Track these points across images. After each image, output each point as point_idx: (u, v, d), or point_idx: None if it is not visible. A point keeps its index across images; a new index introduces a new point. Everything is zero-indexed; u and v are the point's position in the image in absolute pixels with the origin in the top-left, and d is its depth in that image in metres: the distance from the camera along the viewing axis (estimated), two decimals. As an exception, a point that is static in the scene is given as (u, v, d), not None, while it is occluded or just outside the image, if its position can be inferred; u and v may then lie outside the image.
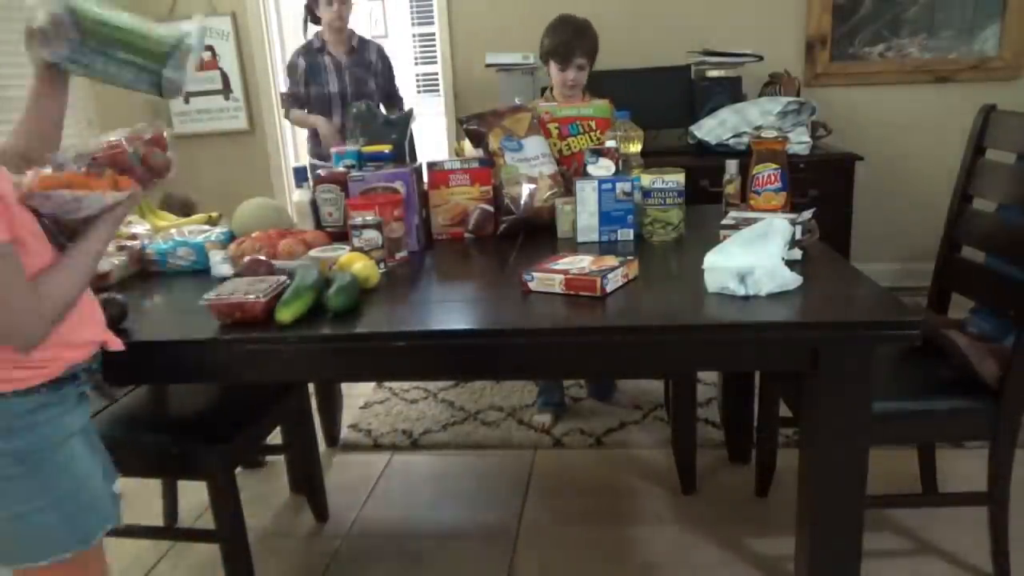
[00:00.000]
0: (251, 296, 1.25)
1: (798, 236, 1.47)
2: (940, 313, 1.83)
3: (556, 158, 1.97)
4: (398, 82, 3.39)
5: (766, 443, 2.01)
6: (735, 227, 1.49)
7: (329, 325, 1.29)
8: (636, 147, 1.95)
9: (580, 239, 1.72)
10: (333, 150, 1.88)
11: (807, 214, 1.54)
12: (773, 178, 1.67)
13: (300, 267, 1.39)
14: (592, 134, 1.97)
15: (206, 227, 1.78)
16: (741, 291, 1.26)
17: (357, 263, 1.42)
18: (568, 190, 1.86)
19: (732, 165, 1.90)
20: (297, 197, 1.79)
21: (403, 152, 2.01)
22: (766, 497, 2.04)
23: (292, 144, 4.16)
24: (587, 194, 1.71)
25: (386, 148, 1.92)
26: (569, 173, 1.93)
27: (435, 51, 4.07)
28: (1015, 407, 1.52)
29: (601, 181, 1.71)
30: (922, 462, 1.90)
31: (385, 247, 1.56)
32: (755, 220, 1.46)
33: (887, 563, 1.76)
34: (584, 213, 1.72)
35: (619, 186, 1.70)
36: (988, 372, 1.51)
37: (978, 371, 1.51)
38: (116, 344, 1.15)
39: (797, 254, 1.45)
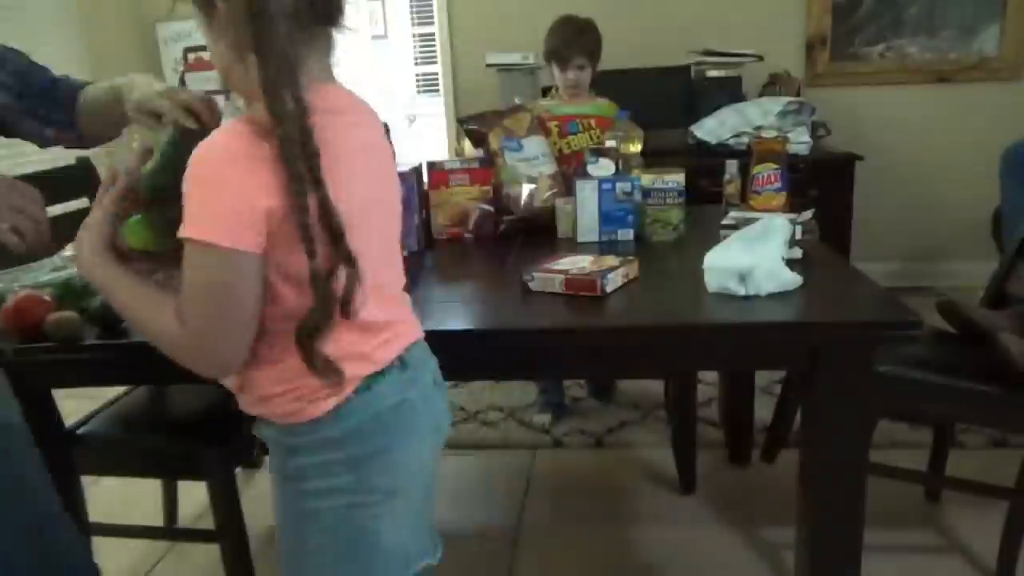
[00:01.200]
0: None
1: (798, 236, 1.47)
2: (995, 308, 1.81)
3: (556, 156, 1.96)
4: None
5: (784, 414, 2.04)
6: (735, 227, 1.49)
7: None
8: (636, 147, 1.95)
9: (580, 239, 1.72)
10: None
11: (807, 214, 1.54)
12: (773, 178, 1.68)
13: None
14: (592, 132, 1.97)
15: None
16: (741, 291, 1.26)
17: None
18: (568, 190, 1.86)
19: (732, 165, 1.90)
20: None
21: None
22: (773, 463, 2.07)
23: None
24: (587, 194, 1.71)
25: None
26: (568, 172, 1.93)
27: (435, 51, 4.07)
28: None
29: (601, 181, 1.71)
30: (933, 460, 1.90)
31: None
32: (755, 220, 1.46)
33: (887, 560, 1.76)
34: (584, 213, 1.72)
35: (619, 186, 1.70)
36: None
37: None
38: None
39: (797, 253, 1.45)
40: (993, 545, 1.64)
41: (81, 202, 1.99)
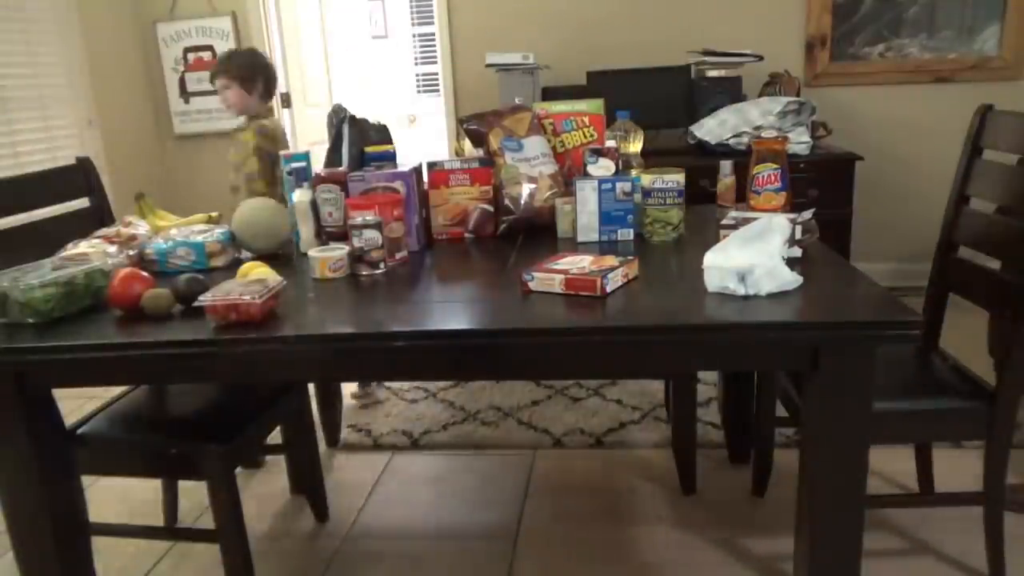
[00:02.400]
0: (247, 297, 1.25)
1: (798, 236, 1.47)
2: (936, 316, 1.82)
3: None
4: None
5: (763, 443, 2.01)
6: (734, 227, 1.49)
7: (329, 325, 1.29)
8: (636, 147, 1.95)
9: (580, 239, 1.73)
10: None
11: (807, 214, 1.54)
12: (773, 178, 1.67)
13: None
14: (586, 130, 1.97)
15: (206, 227, 1.78)
16: (741, 291, 1.26)
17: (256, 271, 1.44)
18: (567, 189, 1.86)
19: (727, 165, 1.91)
20: (297, 197, 1.79)
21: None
22: (763, 497, 2.04)
23: (292, 144, 4.16)
24: (587, 194, 1.71)
25: (389, 147, 1.93)
26: (563, 170, 1.93)
27: (435, 51, 4.08)
28: (1010, 407, 1.53)
29: (601, 181, 1.70)
30: (919, 462, 1.90)
31: (385, 247, 1.56)
32: (754, 220, 1.46)
33: (885, 563, 1.76)
34: (584, 213, 1.72)
35: (619, 186, 1.70)
36: None
37: None
38: None
39: (797, 252, 1.45)
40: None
41: (81, 202, 1.99)
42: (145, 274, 1.40)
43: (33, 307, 1.31)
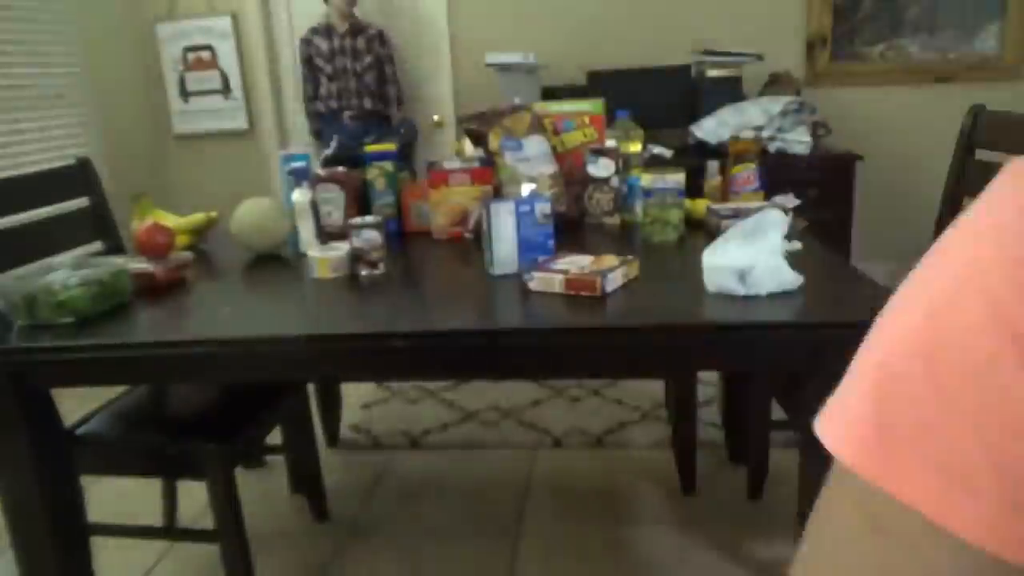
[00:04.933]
0: None
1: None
2: None
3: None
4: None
5: (758, 446, 2.01)
6: (733, 216, 1.51)
7: (329, 325, 1.29)
8: (636, 147, 1.95)
9: (496, 271, 1.47)
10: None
11: (785, 200, 1.57)
12: (751, 178, 1.73)
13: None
14: (586, 130, 1.97)
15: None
16: (741, 290, 1.26)
17: None
18: (565, 189, 1.86)
19: (713, 166, 1.92)
20: (297, 197, 1.79)
21: None
22: (759, 499, 2.04)
23: (291, 144, 4.16)
24: (502, 219, 1.44)
25: (390, 147, 1.93)
26: (563, 170, 1.92)
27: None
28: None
29: (518, 203, 1.47)
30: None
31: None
32: (743, 210, 1.48)
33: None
34: (500, 241, 1.45)
35: (538, 207, 1.48)
36: None
37: None
38: None
39: (797, 245, 1.45)
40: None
41: (81, 202, 1.99)
42: (168, 225, 1.60)
43: (72, 305, 1.30)
